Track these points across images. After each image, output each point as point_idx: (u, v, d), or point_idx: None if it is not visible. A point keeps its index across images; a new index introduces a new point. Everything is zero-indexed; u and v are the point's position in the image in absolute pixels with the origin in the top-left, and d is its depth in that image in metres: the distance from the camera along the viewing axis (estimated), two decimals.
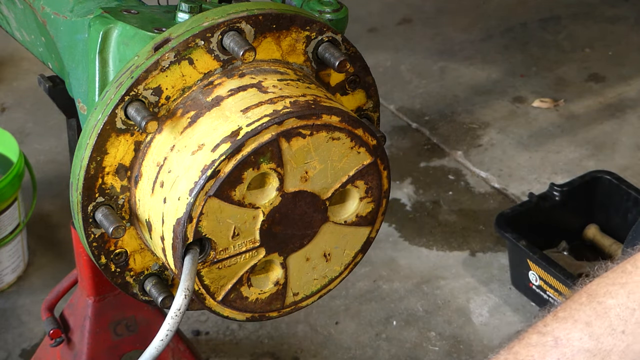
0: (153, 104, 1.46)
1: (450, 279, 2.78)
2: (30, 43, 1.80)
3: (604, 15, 3.96)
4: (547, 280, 2.57)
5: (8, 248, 2.69)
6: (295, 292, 1.55)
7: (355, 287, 2.75)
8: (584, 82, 3.60)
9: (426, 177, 3.17)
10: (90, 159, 1.46)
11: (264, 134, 1.40)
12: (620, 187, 2.79)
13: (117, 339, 2.06)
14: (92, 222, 1.49)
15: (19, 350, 2.57)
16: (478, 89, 3.57)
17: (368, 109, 1.63)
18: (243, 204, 1.43)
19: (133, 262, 1.55)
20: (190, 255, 1.42)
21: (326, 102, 1.46)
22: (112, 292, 2.01)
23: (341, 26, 1.64)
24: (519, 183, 3.14)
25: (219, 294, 1.49)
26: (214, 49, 1.47)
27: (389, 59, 3.71)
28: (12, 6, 1.78)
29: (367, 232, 1.55)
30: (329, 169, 1.47)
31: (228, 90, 1.46)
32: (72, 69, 1.64)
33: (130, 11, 1.58)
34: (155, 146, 1.47)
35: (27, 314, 2.66)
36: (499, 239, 2.88)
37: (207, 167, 1.40)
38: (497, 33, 3.87)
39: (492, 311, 2.69)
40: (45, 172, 3.09)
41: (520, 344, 1.34)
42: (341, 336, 2.61)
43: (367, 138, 1.48)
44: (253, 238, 1.47)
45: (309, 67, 1.55)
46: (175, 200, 1.42)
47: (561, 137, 3.34)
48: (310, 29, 1.52)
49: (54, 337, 2.08)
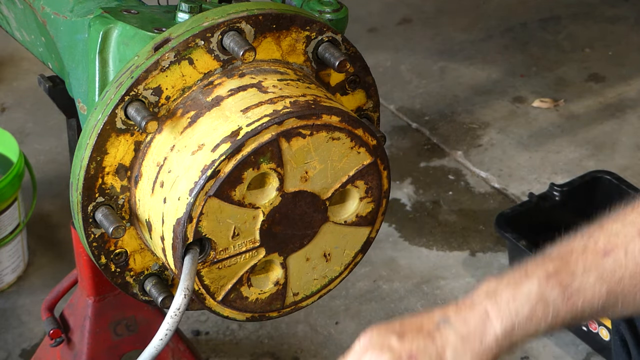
0: (153, 104, 1.46)
1: (450, 279, 2.78)
2: (30, 43, 1.80)
3: (604, 15, 3.96)
4: None
5: (8, 248, 2.69)
6: (295, 292, 1.55)
7: (355, 287, 2.75)
8: (584, 82, 3.60)
9: (426, 177, 3.17)
10: (90, 159, 1.46)
11: (264, 134, 1.40)
12: (620, 187, 2.79)
13: (117, 339, 2.06)
14: (92, 222, 1.49)
15: (19, 350, 2.57)
16: (478, 89, 3.57)
17: (368, 109, 1.63)
18: (243, 204, 1.43)
19: (133, 262, 1.55)
20: (190, 255, 1.42)
21: (326, 102, 1.46)
22: (112, 292, 2.01)
23: (341, 26, 1.63)
24: (519, 183, 3.14)
25: (219, 294, 1.49)
26: (214, 49, 1.47)
27: (389, 59, 3.71)
28: (12, 6, 1.78)
29: (367, 232, 1.55)
30: (329, 169, 1.47)
31: (228, 90, 1.46)
32: (72, 69, 1.64)
33: (130, 11, 1.58)
34: (155, 146, 1.47)
35: (27, 314, 2.66)
36: (499, 239, 2.88)
37: (207, 167, 1.40)
38: (497, 33, 3.86)
39: None
40: (45, 172, 3.08)
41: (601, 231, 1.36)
42: (341, 336, 2.61)
43: (367, 138, 1.48)
44: (253, 238, 1.46)
45: (309, 67, 1.55)
46: (175, 200, 1.42)
47: (561, 137, 3.34)
48: (310, 29, 1.52)
49: (54, 337, 2.08)
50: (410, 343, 1.28)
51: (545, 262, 1.34)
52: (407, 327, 1.31)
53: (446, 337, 1.28)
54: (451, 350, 1.27)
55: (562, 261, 1.34)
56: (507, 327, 1.28)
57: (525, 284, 1.30)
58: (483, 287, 1.32)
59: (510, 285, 1.31)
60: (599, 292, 1.31)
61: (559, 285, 1.31)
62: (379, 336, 1.31)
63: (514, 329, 1.29)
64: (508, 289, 1.30)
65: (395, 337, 1.30)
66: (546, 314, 1.30)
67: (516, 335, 1.29)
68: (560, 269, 1.32)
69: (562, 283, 1.31)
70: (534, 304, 1.29)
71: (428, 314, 1.32)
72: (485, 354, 1.28)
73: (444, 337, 1.28)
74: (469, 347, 1.28)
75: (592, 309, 1.32)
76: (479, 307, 1.30)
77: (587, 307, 1.32)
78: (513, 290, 1.30)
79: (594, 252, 1.34)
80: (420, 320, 1.32)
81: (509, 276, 1.33)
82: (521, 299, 1.29)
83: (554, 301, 1.30)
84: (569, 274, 1.32)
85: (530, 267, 1.34)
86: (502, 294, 1.30)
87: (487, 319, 1.29)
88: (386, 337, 1.30)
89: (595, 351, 2.53)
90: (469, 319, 1.29)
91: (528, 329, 1.30)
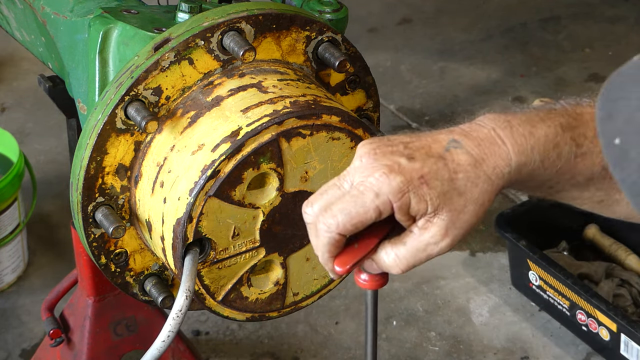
0: (153, 104, 1.46)
1: (450, 279, 2.78)
2: (30, 43, 1.80)
3: (604, 15, 3.96)
4: (547, 280, 2.56)
5: (8, 248, 2.69)
6: (295, 292, 1.55)
7: (355, 287, 2.74)
8: (584, 82, 3.60)
9: None
10: (90, 159, 1.46)
11: (264, 134, 1.40)
12: None
13: (117, 339, 2.06)
14: (92, 222, 1.49)
15: (19, 350, 2.57)
16: (478, 89, 3.57)
17: (368, 109, 1.63)
18: (243, 204, 1.43)
19: (133, 262, 1.55)
20: (190, 255, 1.42)
21: (326, 102, 1.46)
22: (112, 292, 2.01)
23: (341, 26, 1.63)
24: None
25: (219, 294, 1.49)
26: (214, 49, 1.47)
27: (389, 59, 3.71)
28: (12, 6, 1.78)
29: None
30: (329, 169, 1.47)
31: (228, 90, 1.46)
32: (72, 69, 1.64)
33: (130, 11, 1.58)
34: (155, 146, 1.47)
35: (27, 314, 2.66)
36: (499, 239, 2.88)
37: (207, 167, 1.40)
38: (497, 33, 3.86)
39: (492, 311, 2.69)
40: (45, 172, 3.08)
41: None
42: (341, 336, 2.61)
43: (367, 138, 1.48)
44: (253, 238, 1.46)
45: (309, 67, 1.55)
46: (175, 200, 1.42)
47: None
48: (310, 29, 1.52)
49: (54, 337, 2.08)
50: (421, 164, 1.18)
51: (559, 113, 1.24)
52: (414, 148, 1.20)
53: (458, 159, 1.20)
54: (463, 174, 1.19)
55: (575, 119, 1.24)
56: (520, 160, 1.21)
57: (542, 126, 1.22)
58: (489, 116, 1.24)
59: (525, 122, 1.22)
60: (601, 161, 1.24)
61: (573, 141, 1.23)
62: (384, 155, 1.19)
63: (526, 164, 1.21)
64: (524, 124, 1.22)
65: (405, 158, 1.19)
66: (556, 164, 1.23)
67: (524, 173, 1.22)
68: (575, 126, 1.23)
69: (575, 140, 1.23)
70: (549, 149, 1.22)
71: (432, 135, 1.22)
72: (497, 180, 1.21)
73: (455, 160, 1.20)
74: (482, 172, 1.20)
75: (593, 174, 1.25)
76: (492, 133, 1.21)
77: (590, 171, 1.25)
78: (530, 127, 1.22)
79: None
80: (426, 140, 1.21)
81: (520, 114, 1.24)
82: (539, 137, 1.21)
83: (567, 155, 1.23)
84: (581, 134, 1.23)
85: (542, 113, 1.24)
86: (517, 127, 1.21)
87: (503, 145, 1.21)
88: (393, 157, 1.19)
89: (595, 351, 2.53)
90: (482, 143, 1.21)
91: (537, 169, 1.22)
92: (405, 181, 1.17)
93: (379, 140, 1.21)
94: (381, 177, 1.17)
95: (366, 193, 1.17)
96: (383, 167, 1.18)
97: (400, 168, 1.18)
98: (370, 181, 1.18)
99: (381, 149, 1.19)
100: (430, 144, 1.20)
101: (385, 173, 1.17)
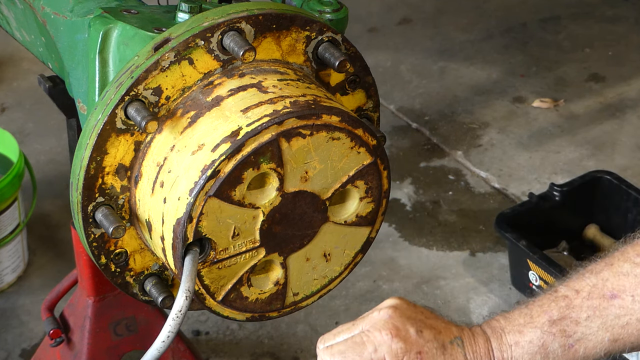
0: (153, 104, 1.46)
1: (450, 279, 2.78)
2: (30, 43, 1.80)
3: (604, 15, 3.96)
4: (547, 280, 2.57)
5: (8, 248, 2.69)
6: (295, 292, 1.55)
7: (355, 287, 2.75)
8: (584, 82, 3.60)
9: (426, 177, 3.17)
10: (90, 159, 1.46)
11: (264, 134, 1.40)
12: (620, 187, 2.79)
13: (117, 339, 2.06)
14: (92, 222, 1.49)
15: (19, 350, 2.57)
16: (478, 89, 3.57)
17: (368, 109, 1.63)
18: (243, 204, 1.43)
19: (133, 262, 1.55)
20: (190, 255, 1.42)
21: (326, 102, 1.46)
22: (112, 292, 2.01)
23: (341, 26, 1.63)
24: (519, 183, 3.14)
25: (219, 294, 1.49)
26: (214, 49, 1.47)
27: (389, 59, 3.71)
28: (12, 6, 1.78)
29: (367, 232, 1.55)
30: (329, 169, 1.47)
31: (228, 90, 1.46)
32: (72, 69, 1.64)
33: (130, 11, 1.58)
34: (155, 146, 1.47)
35: (27, 314, 2.66)
36: (499, 239, 2.88)
37: (207, 167, 1.40)
38: (497, 33, 3.86)
39: (492, 311, 2.69)
40: (45, 172, 3.09)
41: (611, 270, 1.40)
42: None
43: (367, 138, 1.48)
44: (253, 238, 1.46)
45: (309, 67, 1.55)
46: (175, 200, 1.42)
47: (561, 137, 3.34)
48: (310, 29, 1.52)
49: (54, 337, 2.08)
50: (425, 342, 1.36)
51: (552, 305, 1.40)
52: (427, 325, 1.39)
53: (455, 355, 1.38)
54: None
55: (567, 304, 1.39)
56: None
57: (529, 332, 1.39)
58: (493, 322, 1.42)
59: (515, 329, 1.40)
60: (601, 339, 1.38)
61: (562, 334, 1.38)
62: (400, 319, 1.37)
63: None
64: (512, 333, 1.40)
65: (414, 330, 1.37)
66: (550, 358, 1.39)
67: None
68: (565, 315, 1.39)
69: (564, 331, 1.38)
70: (534, 353, 1.39)
71: (448, 325, 1.41)
72: None
73: (453, 354, 1.38)
74: None
75: (594, 355, 1.39)
76: (487, 343, 1.40)
77: (590, 353, 1.39)
78: (517, 336, 1.40)
79: (601, 296, 1.39)
80: (441, 326, 1.40)
81: (517, 316, 1.41)
82: (523, 345, 1.39)
83: (555, 351, 1.39)
84: (573, 321, 1.38)
85: (535, 310, 1.41)
86: (507, 336, 1.40)
87: (492, 355, 1.40)
88: (406, 324, 1.37)
89: None
90: (477, 349, 1.39)
91: None
92: (405, 349, 1.35)
93: (407, 303, 1.41)
94: (386, 336, 1.36)
95: (367, 344, 1.36)
96: (393, 328, 1.36)
97: (406, 336, 1.36)
98: (375, 335, 1.36)
99: (403, 311, 1.39)
100: (442, 330, 1.40)
101: (391, 334, 1.36)
